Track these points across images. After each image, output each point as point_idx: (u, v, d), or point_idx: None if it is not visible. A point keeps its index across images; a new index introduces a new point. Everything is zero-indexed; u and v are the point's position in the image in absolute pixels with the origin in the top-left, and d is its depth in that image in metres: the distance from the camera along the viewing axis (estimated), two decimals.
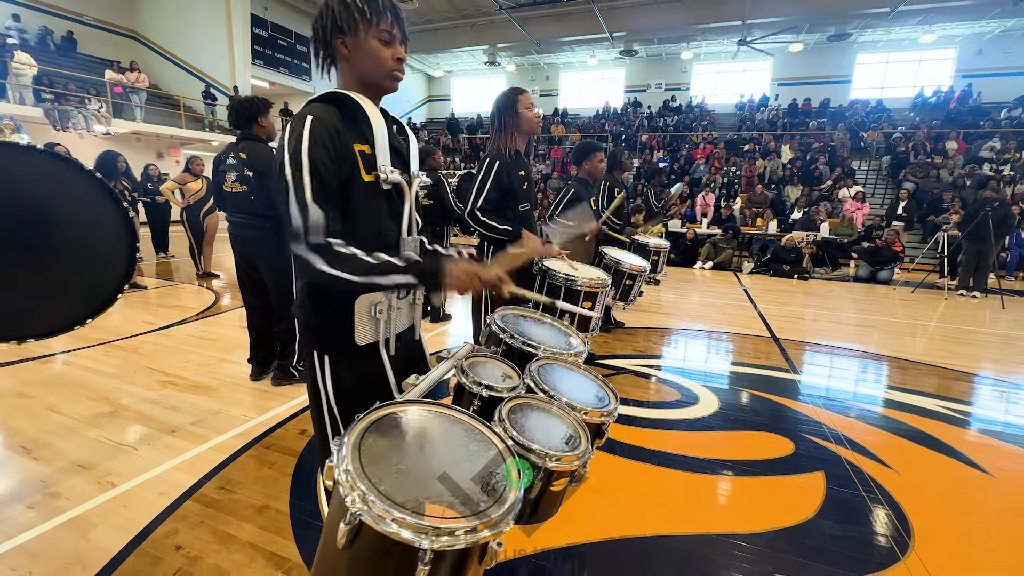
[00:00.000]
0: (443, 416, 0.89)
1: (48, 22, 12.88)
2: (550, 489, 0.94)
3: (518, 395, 1.08)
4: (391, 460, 0.73)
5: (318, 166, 0.96)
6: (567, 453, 0.92)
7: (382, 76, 1.08)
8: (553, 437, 0.97)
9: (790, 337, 4.47)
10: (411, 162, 1.21)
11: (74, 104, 9.84)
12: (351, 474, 0.65)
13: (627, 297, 3.36)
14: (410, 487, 0.69)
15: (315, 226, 0.95)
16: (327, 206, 0.97)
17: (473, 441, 0.85)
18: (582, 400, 1.17)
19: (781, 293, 6.87)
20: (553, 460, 0.89)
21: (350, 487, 0.64)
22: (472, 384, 1.08)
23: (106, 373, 3.14)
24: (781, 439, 2.53)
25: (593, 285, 2.31)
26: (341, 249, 0.96)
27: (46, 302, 1.90)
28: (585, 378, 1.32)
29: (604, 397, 1.24)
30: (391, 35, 1.06)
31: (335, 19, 1.03)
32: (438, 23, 16.57)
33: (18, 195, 1.78)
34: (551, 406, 1.08)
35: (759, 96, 17.13)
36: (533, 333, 1.52)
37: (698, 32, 15.58)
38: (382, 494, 0.64)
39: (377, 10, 1.03)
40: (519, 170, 2.28)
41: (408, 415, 0.86)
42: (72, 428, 2.42)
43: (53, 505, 1.83)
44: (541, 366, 1.26)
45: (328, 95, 1.06)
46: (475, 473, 0.76)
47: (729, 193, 11.70)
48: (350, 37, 1.04)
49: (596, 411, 1.15)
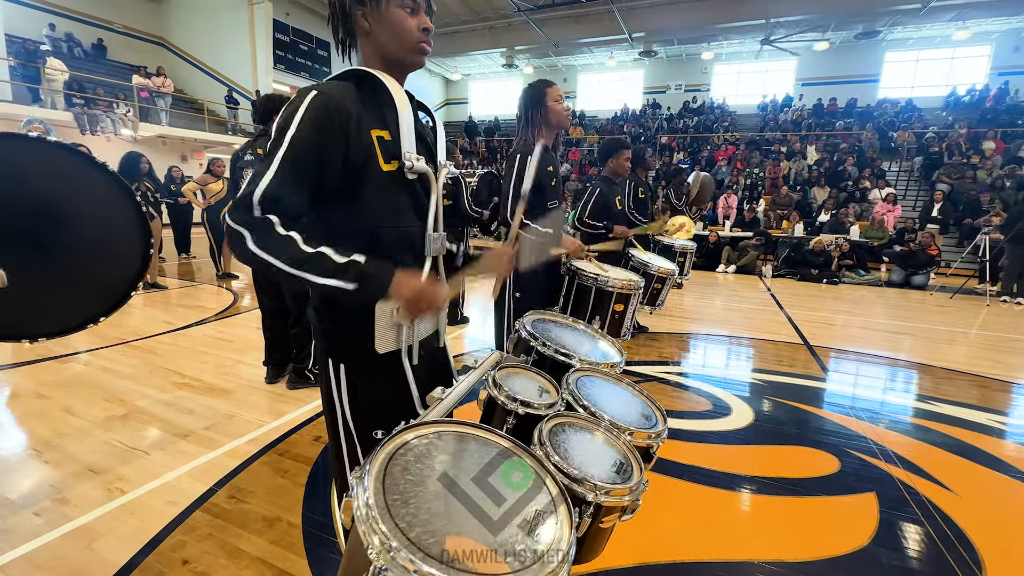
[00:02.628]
0: (476, 440, 0.77)
1: (79, 29, 13.24)
2: (599, 526, 0.82)
3: (558, 413, 0.95)
4: (419, 496, 0.62)
5: (300, 142, 0.84)
6: (619, 486, 0.79)
7: (408, 49, 0.97)
8: (602, 465, 0.85)
9: (823, 343, 4.25)
10: (438, 151, 1.10)
11: (102, 108, 10.06)
12: (372, 514, 0.54)
13: (655, 301, 3.22)
14: (441, 528, 0.57)
15: (257, 200, 0.81)
16: (290, 185, 0.84)
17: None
18: (627, 419, 1.04)
19: (809, 298, 6.61)
20: (604, 494, 0.77)
21: (371, 530, 0.52)
22: (506, 400, 0.96)
23: (122, 374, 3.11)
24: (824, 455, 2.36)
25: (625, 287, 2.19)
26: (279, 229, 0.82)
27: (60, 300, 1.84)
28: (627, 392, 1.19)
29: (651, 415, 1.11)
30: (416, 2, 0.95)
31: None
32: (456, 26, 16.60)
33: (35, 191, 1.73)
34: (596, 427, 0.96)
35: (782, 96, 16.72)
36: (566, 340, 1.39)
37: (719, 32, 15.29)
38: (411, 542, 0.52)
39: None
40: (547, 166, 2.17)
41: (438, 439, 0.75)
42: (86, 430, 2.37)
43: (61, 512, 1.76)
44: (579, 379, 1.14)
45: (348, 72, 0.95)
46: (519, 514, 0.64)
47: (752, 195, 11.40)
48: (371, 8, 0.94)
49: (643, 432, 1.02)
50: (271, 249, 0.81)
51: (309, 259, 0.81)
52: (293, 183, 0.84)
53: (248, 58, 14.01)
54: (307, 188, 0.87)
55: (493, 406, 0.99)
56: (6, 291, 1.65)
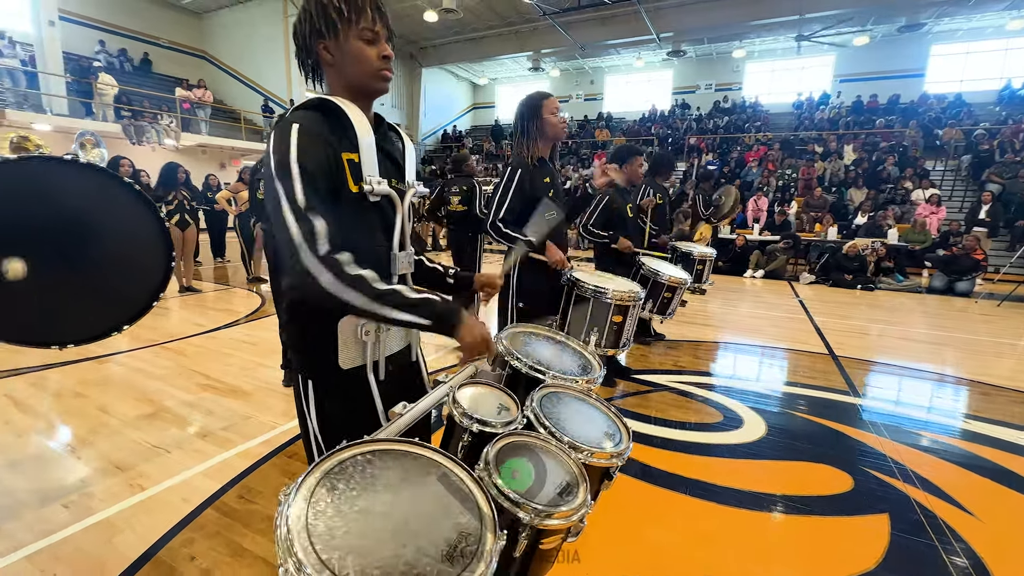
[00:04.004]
0: (419, 460, 0.80)
1: (128, 45, 14.08)
2: (540, 548, 0.83)
3: (512, 432, 0.97)
4: (346, 516, 0.65)
5: (310, 172, 0.89)
6: (560, 508, 0.80)
7: (369, 77, 1.01)
8: (547, 485, 0.86)
9: (851, 355, 4.08)
10: (407, 170, 1.14)
11: (148, 120, 10.66)
12: (289, 535, 0.57)
13: (665, 310, 3.17)
14: (362, 552, 0.60)
15: (319, 235, 0.85)
16: (327, 215, 0.88)
17: (449, 492, 0.75)
18: (588, 438, 1.04)
19: (842, 305, 6.34)
20: (542, 517, 0.78)
21: (286, 551, 0.56)
22: (461, 417, 0.98)
23: (154, 375, 3.30)
24: (838, 472, 2.27)
25: (624, 298, 2.17)
26: (353, 268, 0.87)
27: (87, 309, 1.97)
28: (596, 410, 1.19)
29: (615, 434, 1.11)
30: (374, 32, 0.99)
31: (313, 23, 0.97)
32: (483, 31, 16.77)
33: (65, 208, 1.86)
34: (549, 446, 0.97)
35: (819, 94, 16.11)
36: (543, 355, 1.41)
37: (751, 29, 14.89)
38: (323, 564, 0.55)
39: (356, 7, 0.95)
40: (544, 177, 2.18)
41: (379, 457, 0.78)
42: (116, 429, 2.53)
43: (86, 506, 1.89)
44: (545, 395, 1.15)
45: (312, 101, 0.99)
46: (443, 537, 0.66)
47: (784, 197, 11.03)
48: (331, 40, 0.97)
49: (603, 453, 1.02)
50: (347, 288, 0.86)
51: (384, 296, 0.88)
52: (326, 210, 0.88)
53: (283, 69, 14.56)
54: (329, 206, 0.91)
55: (452, 423, 1.01)
56: (42, 300, 1.79)
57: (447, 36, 17.40)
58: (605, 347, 2.17)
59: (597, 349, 2.19)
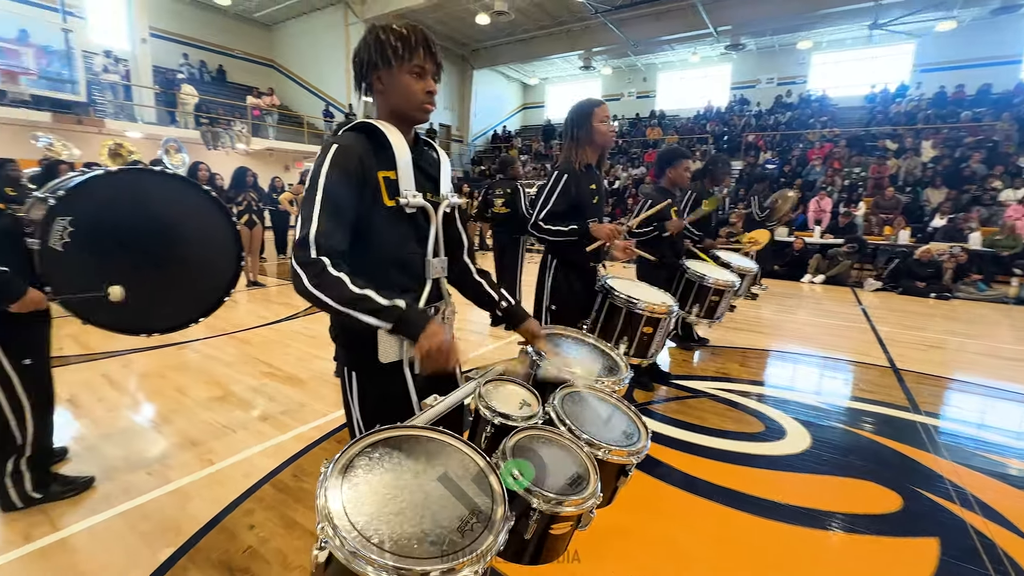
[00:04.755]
0: (443, 446, 0.89)
1: (207, 57, 15.30)
2: (550, 533, 0.90)
3: (531, 426, 1.04)
4: (375, 490, 0.75)
5: (332, 188, 1.01)
6: (569, 497, 0.87)
7: (413, 108, 1.12)
8: (558, 477, 0.92)
9: (917, 369, 3.81)
10: (441, 183, 1.23)
11: (223, 127, 11.56)
12: (326, 498, 0.68)
13: (713, 314, 3.11)
14: (387, 521, 0.70)
15: (312, 241, 0.97)
16: (333, 226, 0.99)
17: (467, 476, 0.83)
18: (607, 436, 1.09)
19: (912, 315, 5.90)
20: (551, 504, 0.85)
21: (325, 516, 0.66)
22: (485, 410, 1.07)
23: (224, 361, 3.63)
24: (885, 491, 2.17)
25: (656, 311, 2.17)
26: (332, 271, 0.96)
27: (169, 303, 2.22)
28: (616, 410, 1.24)
29: (633, 433, 1.16)
30: (423, 69, 1.10)
31: (371, 55, 1.09)
32: (534, 31, 16.84)
33: (152, 214, 2.11)
34: (563, 440, 1.03)
35: (895, 85, 14.90)
36: (571, 356, 1.46)
37: (819, 19, 14.01)
38: (353, 526, 0.65)
39: (410, 47, 1.07)
40: (590, 183, 2.22)
41: (407, 441, 0.87)
42: (191, 408, 2.83)
43: (165, 475, 2.15)
44: (567, 395, 1.21)
45: (358, 124, 1.12)
46: (457, 514, 0.75)
47: (851, 197, 10.34)
48: (384, 72, 1.09)
49: (621, 450, 1.07)
50: (324, 288, 0.96)
51: (356, 299, 0.97)
52: (334, 223, 1.00)
53: (343, 75, 15.30)
54: (345, 224, 1.03)
55: (478, 416, 1.10)
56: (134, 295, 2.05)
57: (498, 38, 17.60)
58: (633, 355, 2.19)
59: (626, 358, 2.21)
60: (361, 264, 1.11)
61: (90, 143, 8.65)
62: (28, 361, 1.83)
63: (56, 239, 1.81)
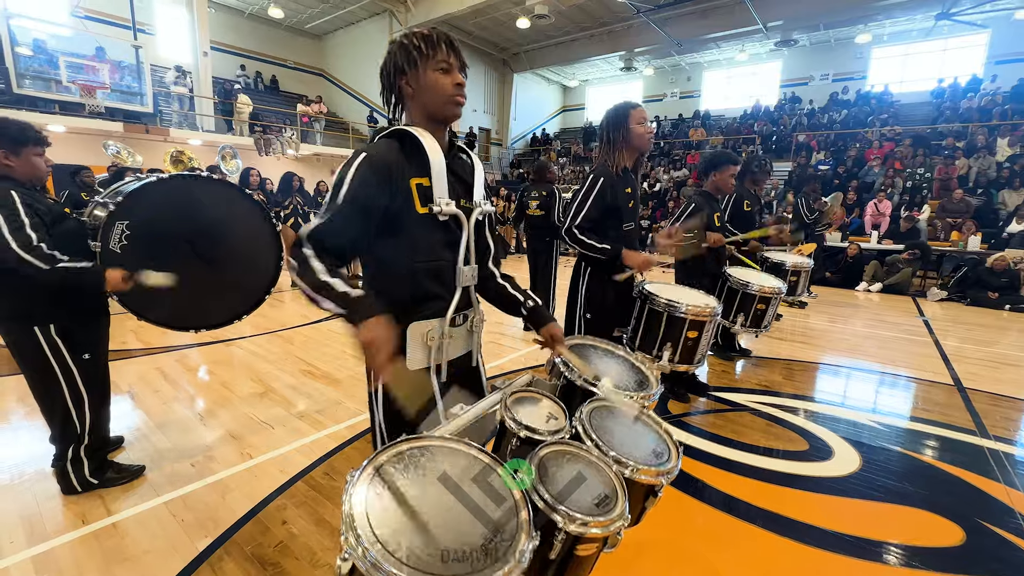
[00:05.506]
0: (468, 458, 0.88)
1: (262, 68, 16.13)
2: (575, 554, 0.87)
3: (559, 441, 1.01)
4: (400, 501, 0.74)
5: (351, 195, 1.03)
6: (596, 518, 0.83)
7: (444, 103, 1.12)
8: (585, 496, 0.89)
9: (987, 389, 3.50)
10: (475, 189, 1.23)
11: (274, 133, 12.14)
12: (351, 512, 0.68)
13: (760, 323, 2.97)
14: (411, 535, 0.69)
15: (306, 238, 1.01)
16: (338, 229, 1.02)
17: (492, 491, 0.82)
18: (635, 454, 1.05)
19: (982, 328, 5.42)
20: (577, 524, 0.82)
21: (348, 526, 0.66)
22: (512, 423, 1.05)
23: (267, 359, 3.79)
24: (945, 523, 1.99)
25: (700, 313, 2.10)
26: (312, 262, 0.99)
27: (217, 300, 2.34)
28: (646, 427, 1.19)
29: (663, 452, 1.11)
30: (448, 64, 1.11)
31: (396, 62, 1.11)
32: (574, 34, 16.73)
33: (200, 218, 2.23)
34: (591, 457, 1.00)
35: (966, 79, 13.80)
36: (600, 368, 1.42)
37: (879, 10, 13.19)
38: (376, 538, 0.65)
39: (432, 44, 1.09)
40: (626, 187, 2.17)
41: (432, 452, 0.87)
42: (234, 403, 2.97)
43: (208, 467, 2.26)
44: (595, 408, 1.18)
45: (394, 131, 1.13)
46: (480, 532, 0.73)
47: (913, 200, 9.65)
48: (411, 74, 1.11)
49: (650, 469, 1.03)
50: (302, 276, 0.99)
51: (322, 287, 0.98)
52: (339, 231, 1.03)
53: None
54: (351, 236, 1.06)
55: (504, 427, 1.08)
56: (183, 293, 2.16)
57: (539, 40, 17.60)
58: (679, 363, 2.12)
59: (670, 364, 2.14)
60: (392, 271, 1.13)
61: (156, 150, 9.30)
62: (87, 356, 1.96)
63: (115, 241, 1.94)
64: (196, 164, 7.96)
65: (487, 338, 4.14)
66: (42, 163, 1.91)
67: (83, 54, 8.74)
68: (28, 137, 1.83)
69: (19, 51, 7.95)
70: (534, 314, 1.35)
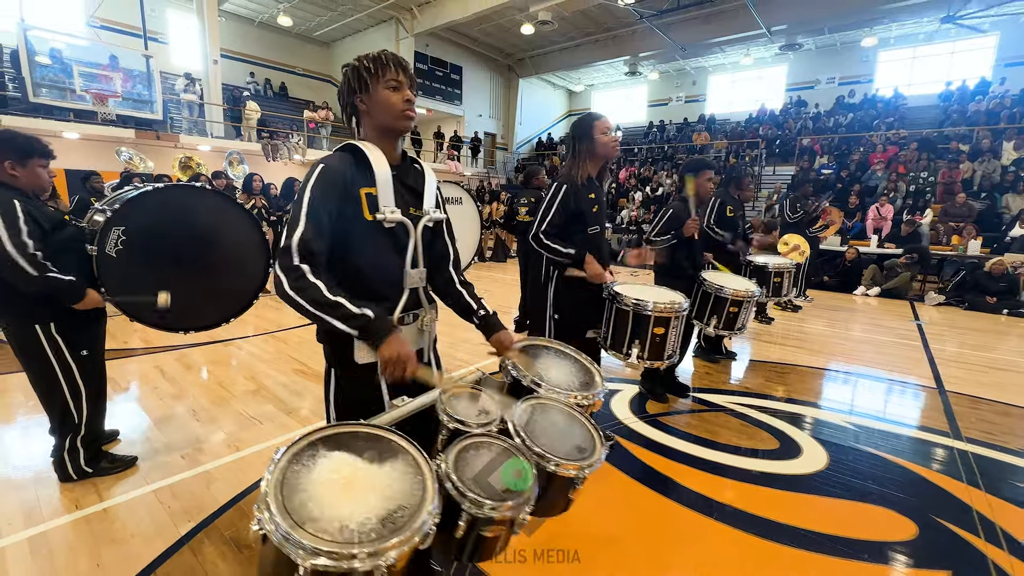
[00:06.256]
0: (391, 444, 0.98)
1: (271, 75, 16.47)
2: (483, 535, 0.96)
3: (483, 433, 1.11)
4: (315, 480, 0.85)
5: (315, 202, 1.13)
6: (501, 503, 0.93)
7: (394, 117, 1.23)
8: (495, 483, 0.99)
9: (967, 391, 3.52)
10: (425, 198, 1.34)
11: (281, 139, 12.39)
12: (268, 485, 0.78)
13: (732, 326, 3.04)
14: (319, 508, 0.79)
15: (295, 249, 1.09)
16: (314, 236, 1.11)
17: (406, 473, 0.92)
18: (559, 449, 1.14)
19: (978, 333, 5.41)
20: (482, 508, 0.91)
21: (262, 499, 0.77)
22: (443, 415, 1.15)
23: (262, 358, 3.93)
24: (901, 519, 2.04)
25: (664, 310, 2.17)
26: (310, 277, 1.08)
27: (209, 303, 2.47)
28: (574, 424, 1.27)
29: (587, 448, 1.19)
30: (398, 82, 1.22)
31: (350, 83, 1.23)
32: (579, 39, 16.87)
33: (194, 225, 2.36)
34: (511, 448, 1.09)
35: (975, 82, 13.66)
36: (548, 368, 1.50)
37: (884, 14, 13.16)
38: (287, 511, 0.75)
39: (382, 64, 1.21)
40: (589, 194, 2.27)
41: (357, 439, 0.97)
42: (228, 400, 3.10)
43: (196, 458, 2.39)
44: (532, 405, 1.26)
45: (345, 145, 1.24)
46: (386, 508, 0.83)
47: (916, 204, 9.60)
48: (365, 93, 1.22)
49: (572, 464, 1.11)
50: (301, 292, 1.08)
51: (329, 305, 1.09)
52: (316, 233, 1.13)
53: None
54: (326, 235, 1.15)
55: (439, 419, 1.18)
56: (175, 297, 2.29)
57: (544, 46, 17.77)
58: (648, 359, 2.20)
59: (640, 362, 2.22)
60: (344, 272, 1.24)
61: (167, 156, 9.57)
62: (85, 353, 2.10)
63: (111, 246, 2.07)
64: (204, 169, 8.19)
65: (472, 338, 4.24)
66: (45, 174, 2.05)
67: (97, 63, 9.03)
68: (34, 149, 1.97)
69: (38, 60, 8.25)
70: (484, 323, 1.45)
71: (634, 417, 2.96)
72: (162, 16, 13.78)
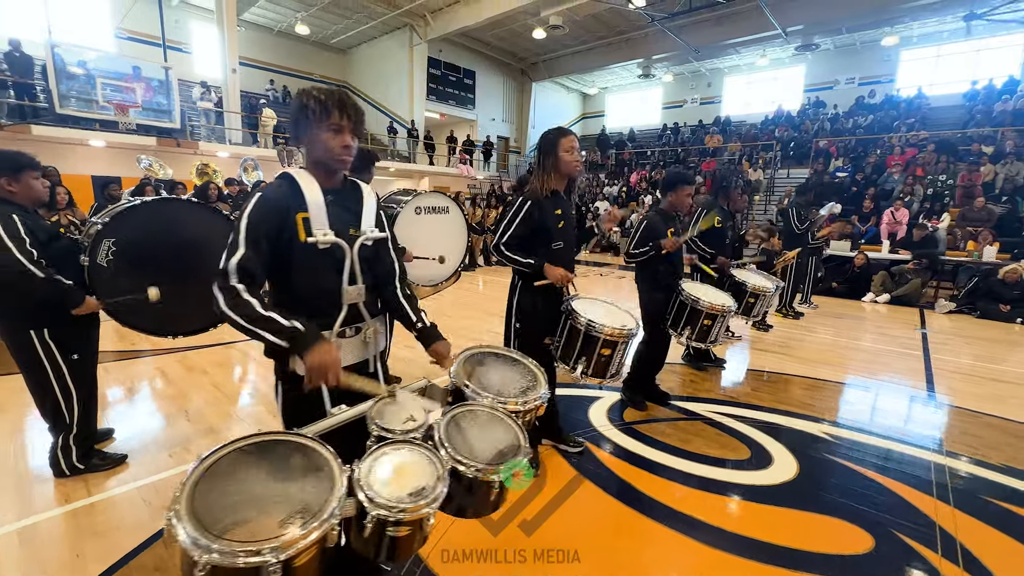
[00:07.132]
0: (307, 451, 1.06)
1: (289, 81, 16.91)
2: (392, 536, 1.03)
3: (404, 440, 1.18)
4: (227, 483, 0.94)
5: (252, 227, 1.23)
6: (401, 506, 0.99)
7: (330, 159, 1.33)
8: (403, 486, 1.06)
9: (960, 404, 3.45)
10: (363, 218, 1.42)
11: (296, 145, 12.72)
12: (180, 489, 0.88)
13: (705, 338, 3.05)
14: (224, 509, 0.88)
15: (232, 270, 1.18)
16: (251, 258, 1.20)
17: (318, 477, 1.00)
18: (479, 455, 1.20)
19: (985, 342, 5.26)
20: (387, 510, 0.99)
21: (173, 500, 0.86)
22: (372, 423, 1.22)
23: (258, 360, 4.08)
24: (858, 531, 2.04)
25: (613, 334, 2.21)
26: (244, 296, 1.17)
27: (196, 308, 2.60)
28: (504, 431, 1.32)
29: (508, 452, 1.25)
30: (340, 126, 1.30)
31: (297, 117, 1.32)
32: (592, 43, 16.88)
33: (181, 236, 2.49)
34: (429, 453, 1.16)
35: (1002, 80, 13.18)
36: (491, 377, 1.57)
37: (904, 13, 12.83)
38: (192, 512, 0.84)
39: (327, 110, 1.28)
40: (555, 209, 2.33)
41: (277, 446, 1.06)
42: (220, 401, 3.24)
43: (183, 457, 2.52)
44: (461, 412, 1.33)
45: (283, 174, 1.34)
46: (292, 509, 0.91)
47: (933, 208, 9.33)
48: (306, 132, 1.31)
49: (490, 468, 1.18)
50: (235, 309, 1.18)
51: (261, 320, 1.18)
52: (253, 255, 1.22)
53: (406, 92, 16.23)
54: (262, 258, 1.25)
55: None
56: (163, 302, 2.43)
57: (556, 50, 17.83)
58: (592, 375, 2.25)
59: (584, 377, 2.27)
60: (286, 291, 1.34)
61: (186, 163, 9.93)
62: (76, 357, 2.25)
63: (102, 256, 2.22)
64: (219, 177, 8.49)
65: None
66: (39, 185, 2.20)
67: (122, 73, 9.44)
68: (23, 163, 2.12)
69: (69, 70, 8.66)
70: (422, 334, 1.53)
71: (609, 424, 2.99)
72: (186, 27, 14.31)
